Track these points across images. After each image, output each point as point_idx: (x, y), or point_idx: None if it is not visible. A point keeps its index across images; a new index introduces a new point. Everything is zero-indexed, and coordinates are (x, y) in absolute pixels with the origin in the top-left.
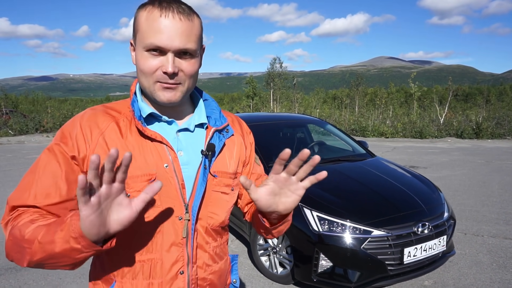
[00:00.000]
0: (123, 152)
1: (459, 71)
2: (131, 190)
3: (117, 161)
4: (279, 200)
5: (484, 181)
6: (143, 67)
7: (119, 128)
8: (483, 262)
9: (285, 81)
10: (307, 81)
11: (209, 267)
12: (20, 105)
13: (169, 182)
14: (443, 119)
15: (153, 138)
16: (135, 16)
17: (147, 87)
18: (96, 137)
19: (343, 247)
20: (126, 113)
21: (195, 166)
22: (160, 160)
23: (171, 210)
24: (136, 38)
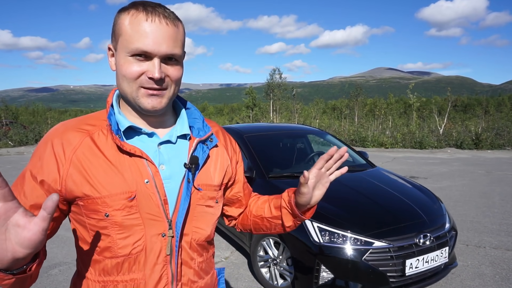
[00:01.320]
0: (101, 168)
1: (458, 82)
2: (110, 209)
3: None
4: (314, 193)
5: (484, 191)
6: (127, 72)
7: (94, 143)
8: (486, 274)
9: (284, 91)
10: (306, 91)
11: (195, 283)
12: (20, 116)
13: (150, 198)
14: (443, 129)
15: (132, 153)
16: (115, 19)
17: (129, 93)
18: (70, 155)
19: (344, 258)
20: (102, 125)
21: (178, 180)
22: (140, 176)
23: (153, 227)
24: (118, 42)
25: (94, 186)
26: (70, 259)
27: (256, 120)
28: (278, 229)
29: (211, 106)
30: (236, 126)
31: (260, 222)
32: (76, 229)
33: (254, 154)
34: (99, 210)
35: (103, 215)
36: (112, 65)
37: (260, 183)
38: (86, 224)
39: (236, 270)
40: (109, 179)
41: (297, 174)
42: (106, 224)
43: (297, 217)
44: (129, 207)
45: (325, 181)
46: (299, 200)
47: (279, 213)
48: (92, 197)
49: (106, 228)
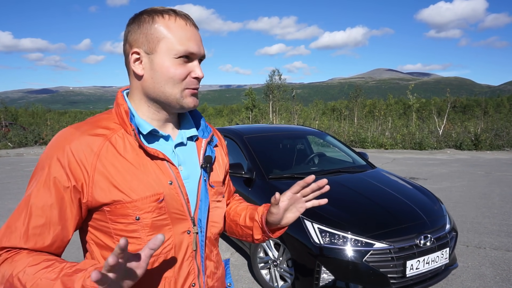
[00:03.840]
0: (126, 172)
1: (457, 83)
2: (141, 213)
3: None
4: (285, 215)
5: (484, 192)
6: (174, 74)
7: (114, 148)
8: (486, 275)
9: (284, 93)
10: (306, 93)
11: (215, 274)
12: (20, 117)
13: (175, 198)
14: (442, 130)
15: (155, 156)
16: (149, 24)
17: (173, 94)
18: (93, 162)
19: (345, 260)
20: (116, 129)
21: (195, 179)
22: (164, 178)
23: (179, 225)
24: (158, 45)
25: (123, 191)
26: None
27: (255, 121)
28: (249, 239)
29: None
30: (236, 127)
31: (234, 227)
32: (95, 237)
33: (254, 155)
34: (129, 214)
35: (133, 218)
36: (138, 70)
37: (260, 184)
38: (111, 230)
39: (236, 272)
40: (137, 183)
41: (297, 175)
42: (137, 227)
43: (265, 233)
44: (159, 208)
45: (300, 206)
46: (268, 218)
47: (251, 224)
48: (122, 202)
49: (136, 231)
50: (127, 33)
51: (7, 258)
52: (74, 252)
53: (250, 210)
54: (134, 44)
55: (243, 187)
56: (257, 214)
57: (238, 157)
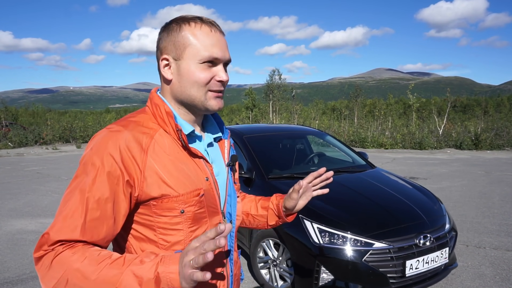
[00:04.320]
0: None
1: (457, 83)
2: (185, 206)
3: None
4: (298, 202)
5: (484, 192)
6: (199, 78)
7: (159, 146)
8: (486, 274)
9: (284, 92)
10: (306, 92)
11: (237, 263)
12: (20, 117)
13: (211, 193)
14: (442, 130)
15: (195, 154)
16: (176, 32)
17: (198, 97)
18: (143, 158)
19: (344, 259)
20: (157, 128)
21: (223, 176)
22: (202, 174)
23: (214, 218)
24: (185, 52)
25: (171, 186)
26: None
27: (255, 121)
28: (261, 225)
29: None
30: (235, 127)
31: (245, 218)
32: (135, 231)
33: (254, 155)
34: (176, 207)
35: (178, 212)
36: (167, 74)
37: (260, 184)
38: (154, 223)
39: None
40: (183, 179)
41: (297, 175)
42: (180, 220)
43: (281, 218)
44: (200, 202)
45: (309, 194)
46: (287, 204)
47: (265, 213)
48: (170, 196)
49: (179, 224)
50: (158, 40)
51: (63, 251)
52: None
53: (260, 201)
54: (164, 51)
55: (242, 187)
56: (271, 203)
57: (238, 157)
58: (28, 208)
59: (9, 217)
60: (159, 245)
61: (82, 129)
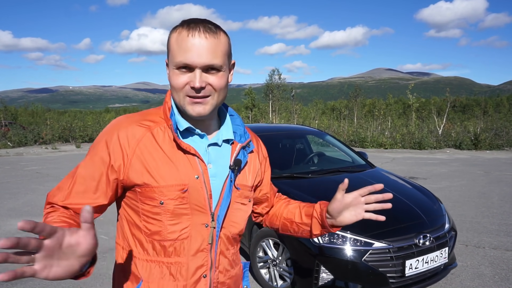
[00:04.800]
0: (160, 161)
1: (457, 83)
2: (165, 198)
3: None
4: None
5: (483, 192)
6: (174, 83)
7: (154, 138)
8: (485, 274)
9: (283, 92)
10: (305, 92)
11: (228, 272)
12: (20, 117)
13: (199, 191)
14: (442, 130)
15: (187, 151)
16: (168, 38)
17: (178, 101)
18: (134, 147)
19: (344, 259)
20: (160, 123)
21: (222, 178)
22: (192, 171)
23: (199, 217)
24: (168, 58)
25: (153, 176)
26: None
27: (255, 121)
28: (305, 234)
29: None
30: None
31: (289, 225)
32: (127, 214)
33: None
34: (155, 197)
35: (158, 202)
36: (168, 77)
37: None
38: (139, 209)
39: None
40: (167, 171)
41: (297, 174)
42: (160, 210)
43: (326, 228)
44: (181, 197)
45: (359, 212)
46: (331, 207)
47: (309, 221)
48: (150, 186)
49: (158, 214)
50: None
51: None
52: None
53: (304, 208)
54: (166, 55)
55: None
56: (315, 211)
57: None
58: (28, 207)
59: (9, 216)
60: (142, 232)
61: (81, 129)
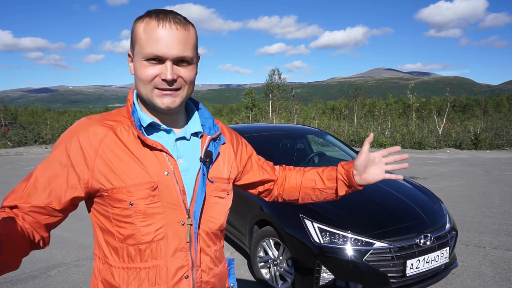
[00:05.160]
0: (125, 160)
1: (457, 83)
2: (135, 198)
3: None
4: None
5: (484, 192)
6: (142, 76)
7: (117, 137)
8: (486, 274)
9: (283, 92)
10: (305, 92)
11: (212, 270)
12: (19, 116)
13: (171, 188)
14: (442, 130)
15: (153, 147)
16: (132, 28)
17: (145, 94)
18: (96, 147)
19: (345, 259)
20: (123, 122)
21: (194, 172)
22: (161, 168)
23: (173, 216)
24: (135, 49)
25: (119, 176)
26: (69, 260)
27: (255, 121)
28: (330, 197)
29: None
30: (235, 127)
31: (311, 193)
32: (99, 221)
33: None
34: (124, 199)
35: (127, 204)
36: (131, 69)
37: None
38: (110, 214)
39: (236, 271)
40: (133, 170)
41: None
42: (130, 212)
43: (353, 187)
44: (152, 196)
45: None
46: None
47: (333, 184)
48: (117, 187)
49: (130, 217)
50: None
51: None
52: (74, 252)
53: (325, 173)
54: (130, 47)
55: None
56: (340, 174)
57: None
58: None
59: None
60: (115, 237)
61: None
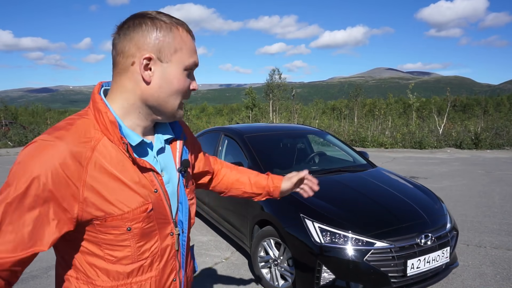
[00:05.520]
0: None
1: (457, 82)
2: (132, 223)
3: None
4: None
5: (484, 191)
6: (181, 86)
7: (101, 159)
8: (487, 274)
9: (284, 92)
10: (306, 92)
11: (190, 264)
12: (20, 116)
13: (161, 205)
14: (442, 129)
15: (143, 167)
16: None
17: (174, 106)
18: (82, 175)
19: (346, 259)
20: (99, 137)
21: (174, 183)
22: (150, 187)
23: (164, 229)
24: (174, 56)
25: (115, 205)
26: None
27: (255, 121)
28: (249, 198)
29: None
30: (236, 127)
31: (238, 192)
32: (76, 245)
33: (255, 154)
34: (121, 225)
35: (124, 229)
36: (147, 77)
37: None
38: (100, 240)
39: (236, 271)
40: (127, 196)
41: None
42: (127, 236)
43: (272, 197)
44: (148, 218)
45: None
46: (284, 186)
47: (260, 192)
48: (114, 215)
49: (126, 240)
50: (133, 32)
51: None
52: None
53: (255, 180)
54: (145, 48)
55: None
56: (269, 186)
57: (239, 156)
58: None
59: None
60: (105, 259)
61: None
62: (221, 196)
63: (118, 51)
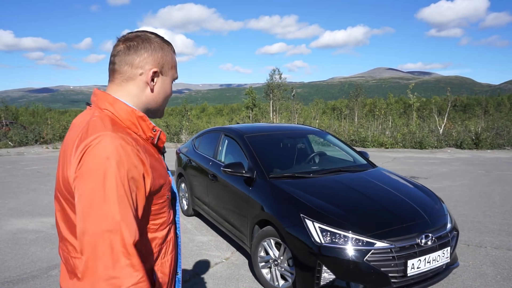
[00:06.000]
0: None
1: (457, 82)
2: (167, 192)
3: None
4: None
5: (485, 191)
6: (170, 93)
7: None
8: (487, 274)
9: (284, 92)
10: (306, 92)
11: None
12: (20, 116)
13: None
14: (443, 129)
15: (160, 150)
16: (168, 52)
17: (163, 108)
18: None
19: (346, 259)
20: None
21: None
22: (165, 165)
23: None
24: (170, 70)
25: (162, 177)
26: None
27: (256, 121)
28: None
29: (210, 107)
30: (236, 127)
31: None
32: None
33: (255, 154)
34: (165, 194)
35: (166, 197)
36: (152, 86)
37: (261, 184)
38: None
39: (236, 271)
40: (162, 171)
41: (298, 174)
42: (166, 203)
43: None
44: (170, 189)
45: None
46: None
47: None
48: (164, 184)
49: (164, 207)
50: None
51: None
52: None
53: None
54: (153, 63)
55: (243, 187)
56: None
57: (239, 156)
58: (29, 207)
59: (10, 216)
60: (150, 230)
61: None
62: None
63: (126, 62)
